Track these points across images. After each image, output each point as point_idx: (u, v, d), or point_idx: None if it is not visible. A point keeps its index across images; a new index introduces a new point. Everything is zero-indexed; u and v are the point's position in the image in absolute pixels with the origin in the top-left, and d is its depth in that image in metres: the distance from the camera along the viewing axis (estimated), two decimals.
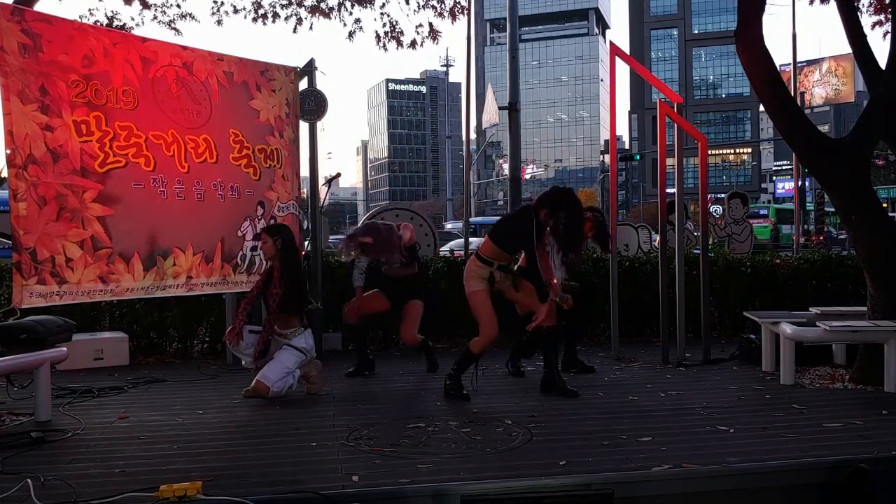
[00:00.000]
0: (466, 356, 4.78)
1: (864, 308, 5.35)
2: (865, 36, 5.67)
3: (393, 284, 5.48)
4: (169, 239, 4.48)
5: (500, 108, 11.77)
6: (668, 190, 6.43)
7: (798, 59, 20.01)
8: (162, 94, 4.52)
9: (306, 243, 6.83)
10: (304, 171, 6.34)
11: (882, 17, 8.28)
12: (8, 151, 3.88)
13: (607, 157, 10.21)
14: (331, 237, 17.91)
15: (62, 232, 4.01)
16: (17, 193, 3.87)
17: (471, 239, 10.80)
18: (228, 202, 4.79)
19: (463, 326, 6.57)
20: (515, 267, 5.00)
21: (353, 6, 8.78)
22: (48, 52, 4.02)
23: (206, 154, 4.69)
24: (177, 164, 4.52)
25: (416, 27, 9.14)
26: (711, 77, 64.62)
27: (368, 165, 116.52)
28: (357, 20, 8.89)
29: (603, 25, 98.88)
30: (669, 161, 6.37)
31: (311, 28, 8.96)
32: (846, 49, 6.45)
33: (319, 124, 6.71)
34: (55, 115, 4.02)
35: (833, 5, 5.97)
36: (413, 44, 9.14)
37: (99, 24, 8.74)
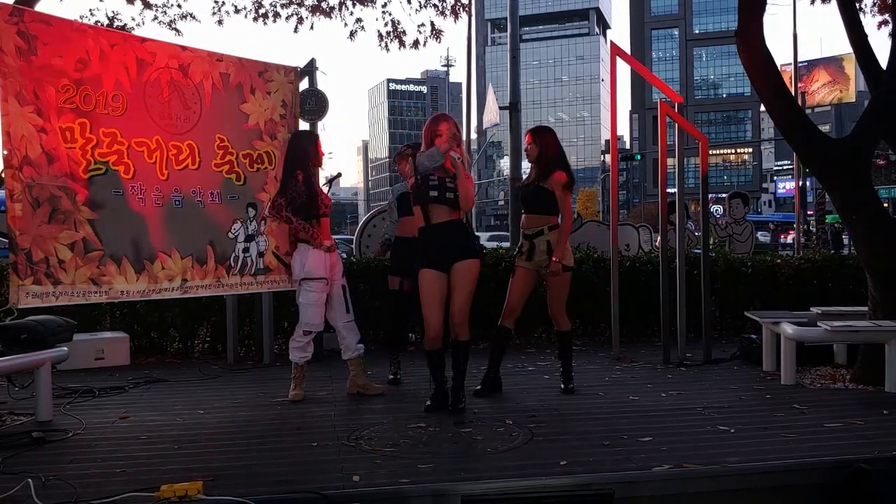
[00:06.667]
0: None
1: (866, 308, 5.35)
2: (867, 36, 5.67)
3: (436, 234, 4.41)
4: (152, 244, 4.47)
5: (501, 108, 11.81)
6: (668, 190, 6.43)
7: (798, 59, 20.02)
8: (153, 98, 4.51)
9: None
10: None
11: (888, 16, 8.26)
12: (5, 152, 3.88)
13: (608, 157, 10.22)
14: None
15: (54, 234, 4.02)
16: (14, 194, 3.88)
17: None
18: (209, 208, 4.79)
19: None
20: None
21: (354, 5, 8.78)
22: (42, 56, 4.01)
23: (187, 160, 4.68)
24: (157, 171, 4.51)
25: (419, 26, 9.14)
26: (712, 77, 64.59)
27: (369, 165, 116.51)
28: (358, 20, 8.90)
29: (604, 25, 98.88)
30: (670, 161, 6.37)
31: (311, 28, 8.97)
32: (846, 49, 6.46)
33: (320, 124, 6.72)
34: (47, 120, 4.03)
35: (834, 5, 5.96)
36: (416, 43, 9.14)
37: (99, 24, 8.74)
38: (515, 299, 4.97)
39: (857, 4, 7.63)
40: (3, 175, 4.18)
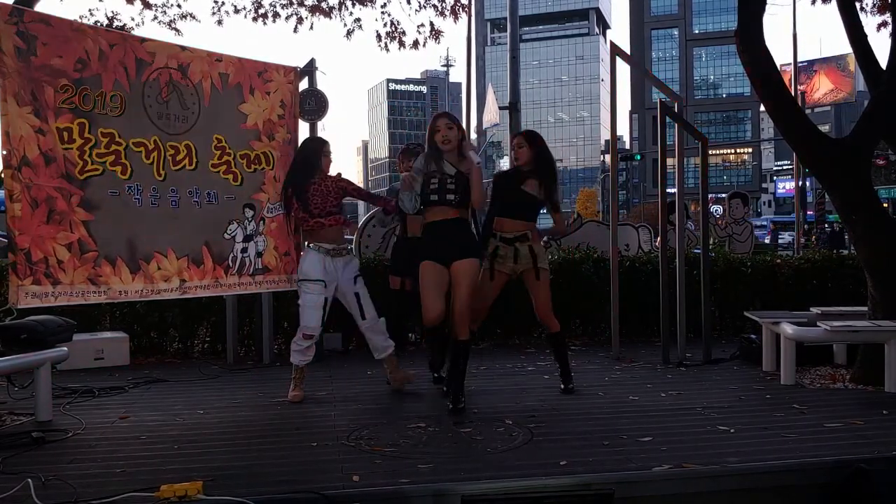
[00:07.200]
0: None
1: (865, 308, 5.35)
2: (866, 36, 5.66)
3: (436, 232, 4.47)
4: (148, 244, 4.46)
5: (500, 108, 11.80)
6: (668, 190, 6.43)
7: (798, 59, 20.00)
8: (151, 98, 4.50)
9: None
10: None
11: (888, 16, 8.26)
12: (4, 152, 3.88)
13: (608, 157, 10.22)
14: None
15: (52, 234, 4.03)
16: (13, 194, 3.88)
17: None
18: (205, 208, 4.78)
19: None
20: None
21: (353, 5, 8.78)
22: (41, 56, 4.00)
23: (185, 161, 4.67)
24: (154, 172, 4.51)
25: (418, 27, 9.15)
26: (712, 77, 64.63)
27: (369, 165, 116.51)
28: (357, 20, 8.90)
29: (603, 25, 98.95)
30: (670, 161, 6.37)
31: (311, 28, 8.98)
32: (846, 49, 6.47)
33: (320, 124, 6.73)
34: (44, 121, 4.02)
35: (834, 5, 5.97)
36: (415, 44, 9.14)
37: (99, 24, 8.74)
38: (488, 303, 4.93)
39: (857, 4, 7.64)
40: (2, 175, 4.18)
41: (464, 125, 10.64)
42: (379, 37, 9.08)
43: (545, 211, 5.07)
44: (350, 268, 4.93)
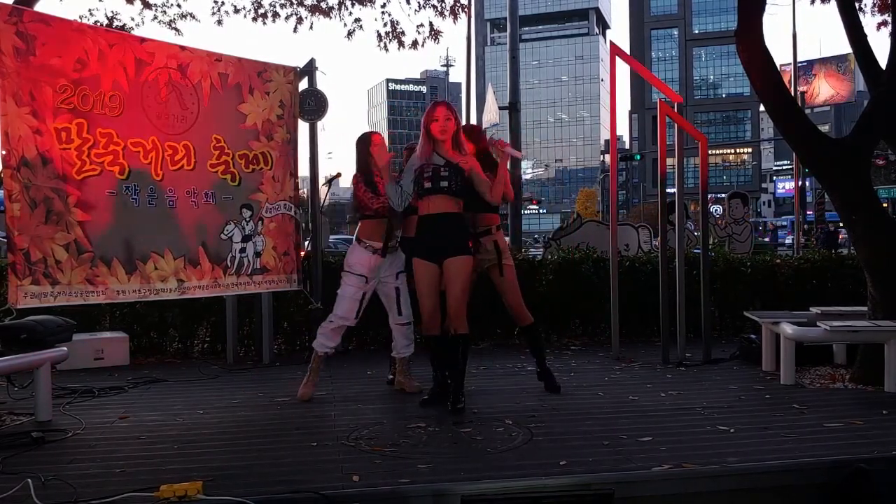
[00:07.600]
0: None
1: (865, 308, 5.35)
2: (866, 36, 5.67)
3: (430, 226, 4.44)
4: (144, 244, 4.46)
5: (500, 108, 11.78)
6: (668, 190, 6.43)
7: (798, 59, 20.05)
8: (150, 99, 4.50)
9: (306, 243, 6.84)
10: (305, 171, 6.34)
11: (887, 16, 8.27)
12: (3, 152, 3.89)
13: (607, 157, 10.22)
14: (331, 237, 17.93)
15: (50, 234, 4.04)
16: (12, 194, 3.89)
17: None
18: (202, 208, 4.78)
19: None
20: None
21: (353, 5, 8.78)
22: (40, 56, 4.01)
23: (183, 161, 4.68)
24: (152, 172, 4.51)
25: (418, 27, 9.14)
26: (712, 77, 64.67)
27: None
28: (357, 20, 8.90)
29: (603, 25, 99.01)
30: (669, 161, 6.37)
31: (311, 28, 8.98)
32: (846, 49, 6.47)
33: (320, 124, 6.71)
34: (42, 121, 4.03)
35: (834, 5, 5.97)
36: (414, 44, 9.14)
37: (99, 24, 8.74)
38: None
39: (857, 4, 7.64)
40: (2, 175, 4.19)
41: (464, 125, 10.61)
42: (379, 37, 9.08)
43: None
44: (395, 264, 4.91)
